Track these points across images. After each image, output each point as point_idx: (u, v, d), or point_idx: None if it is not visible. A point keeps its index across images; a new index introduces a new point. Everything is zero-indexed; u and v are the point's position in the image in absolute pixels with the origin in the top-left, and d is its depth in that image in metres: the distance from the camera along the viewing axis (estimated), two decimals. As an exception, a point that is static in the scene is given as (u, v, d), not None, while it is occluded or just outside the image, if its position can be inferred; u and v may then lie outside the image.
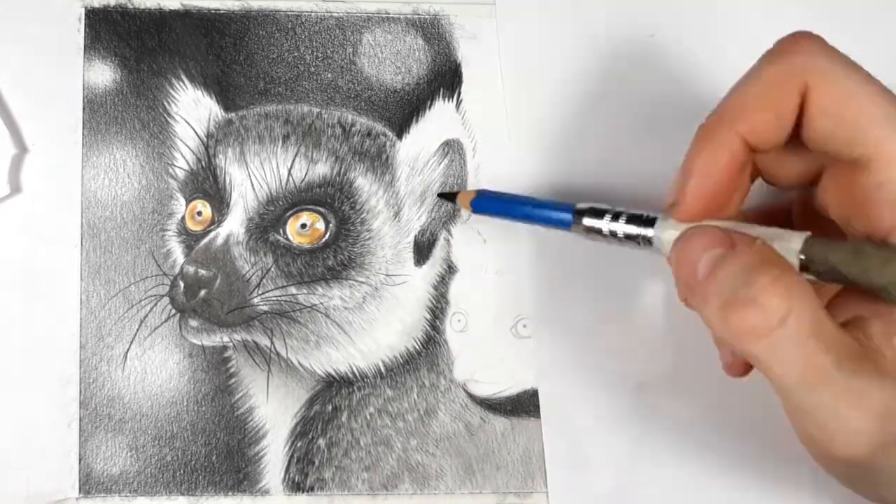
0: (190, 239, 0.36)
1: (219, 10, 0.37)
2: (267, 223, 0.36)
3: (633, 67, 0.38)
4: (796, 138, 0.25)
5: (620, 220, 0.28)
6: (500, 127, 0.37)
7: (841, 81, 0.23)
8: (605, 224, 0.29)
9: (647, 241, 0.27)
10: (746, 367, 0.28)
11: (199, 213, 0.36)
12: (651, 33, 0.38)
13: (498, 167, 0.37)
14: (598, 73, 0.38)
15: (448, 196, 0.35)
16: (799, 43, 0.24)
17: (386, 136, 0.37)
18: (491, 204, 0.34)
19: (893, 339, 0.23)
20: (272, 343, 0.36)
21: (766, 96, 0.24)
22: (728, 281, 0.23)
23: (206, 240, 0.36)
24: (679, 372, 0.35)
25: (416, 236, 0.37)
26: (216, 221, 0.36)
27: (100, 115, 0.36)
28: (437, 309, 0.36)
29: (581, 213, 0.29)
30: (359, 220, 0.36)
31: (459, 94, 0.37)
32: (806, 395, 0.23)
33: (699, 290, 0.24)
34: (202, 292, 0.35)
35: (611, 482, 0.35)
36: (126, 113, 0.37)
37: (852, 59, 0.24)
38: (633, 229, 0.27)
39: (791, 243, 0.23)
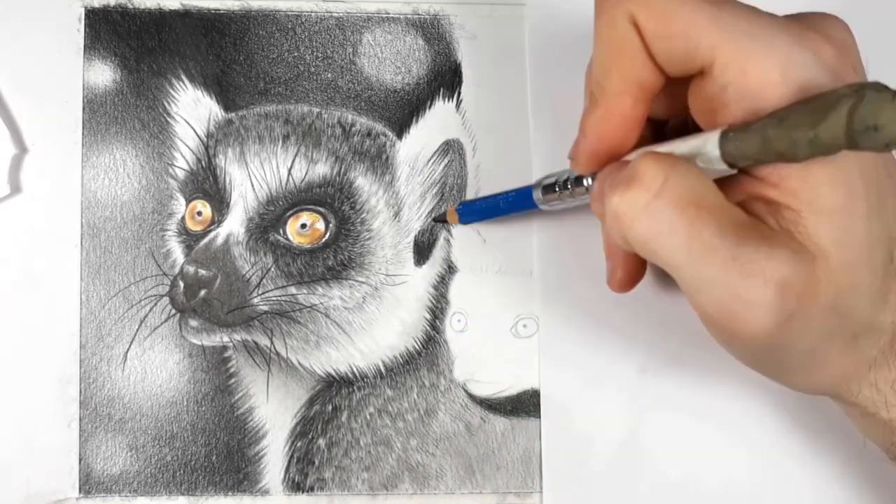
0: (190, 239, 0.36)
1: (219, 10, 0.37)
2: (267, 223, 0.36)
3: None
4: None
5: (568, 185, 0.31)
6: (500, 127, 0.37)
7: (662, 3, 0.23)
8: (558, 193, 0.31)
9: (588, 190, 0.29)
10: (629, 277, 0.30)
11: (199, 213, 0.36)
12: None
13: (498, 167, 0.37)
14: None
15: (440, 219, 0.36)
16: None
17: (386, 136, 0.37)
18: (472, 211, 0.35)
19: (783, 214, 0.23)
20: (272, 343, 0.36)
21: (611, 47, 0.24)
22: (616, 176, 0.24)
23: (206, 240, 0.36)
24: (680, 354, 0.35)
25: (416, 236, 0.37)
26: (216, 221, 0.36)
27: (100, 115, 0.36)
28: (437, 309, 0.36)
29: (540, 188, 0.32)
30: (359, 220, 0.36)
31: (459, 94, 0.37)
32: (696, 270, 0.23)
33: (598, 203, 0.25)
34: (202, 292, 0.35)
35: (605, 484, 0.35)
36: (126, 113, 0.37)
37: None
38: (580, 188, 0.30)
39: (708, 142, 0.23)
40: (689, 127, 0.27)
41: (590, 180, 0.29)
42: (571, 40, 0.38)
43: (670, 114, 0.28)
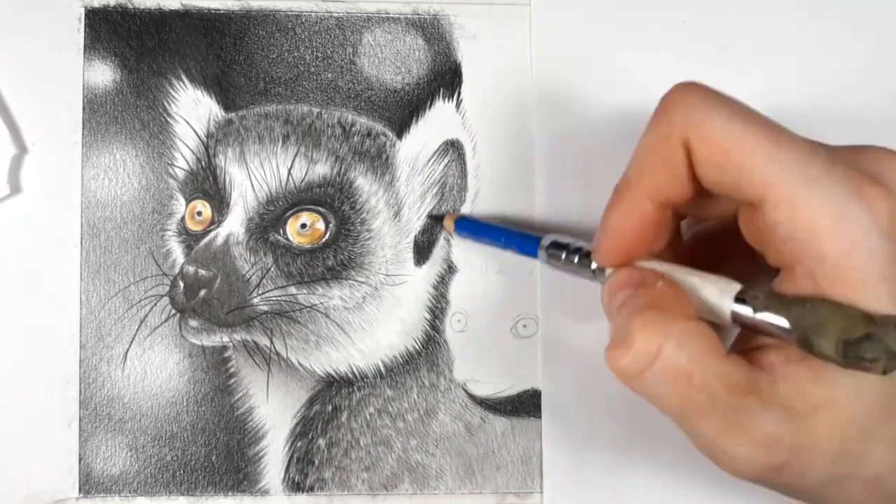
0: (190, 239, 0.36)
1: (219, 10, 0.37)
2: (267, 223, 0.36)
3: (665, 53, 0.38)
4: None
5: (574, 257, 0.30)
6: (501, 127, 0.37)
7: (719, 131, 0.23)
8: (563, 259, 0.30)
9: (595, 274, 0.29)
10: None
11: (199, 213, 0.36)
12: (683, 19, 0.38)
13: (498, 167, 0.37)
14: (630, 60, 0.37)
15: (437, 217, 0.36)
16: (675, 100, 0.24)
17: (386, 136, 0.37)
18: (469, 227, 0.35)
19: (795, 366, 0.23)
20: (272, 343, 0.36)
21: (655, 158, 0.25)
22: (618, 321, 0.24)
23: (205, 240, 0.36)
24: None
25: (416, 236, 0.37)
26: (216, 221, 0.36)
27: (100, 115, 0.36)
28: (437, 309, 0.36)
29: (546, 247, 0.31)
30: (359, 220, 0.36)
31: (459, 94, 0.37)
32: (687, 426, 0.24)
33: (605, 307, 0.26)
34: (202, 292, 0.35)
35: (605, 484, 0.35)
36: (126, 113, 0.37)
37: (735, 101, 0.24)
38: (584, 263, 0.29)
39: (723, 300, 0.24)
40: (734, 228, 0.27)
41: (600, 270, 0.29)
42: (576, 40, 0.38)
43: (717, 220, 0.28)
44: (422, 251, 0.36)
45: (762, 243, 0.24)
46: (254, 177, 0.36)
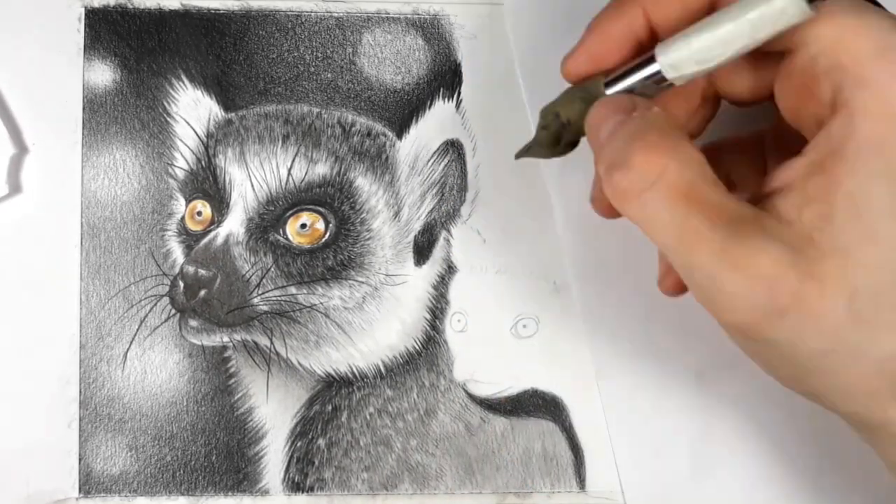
0: (190, 239, 0.36)
1: (219, 10, 0.37)
2: (267, 223, 0.36)
3: None
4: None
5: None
6: (501, 127, 0.37)
7: None
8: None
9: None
10: (676, 285, 0.29)
11: (199, 213, 0.36)
12: None
13: (498, 167, 0.37)
14: None
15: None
16: None
17: (386, 135, 0.37)
18: None
19: (804, 211, 0.22)
20: (272, 343, 0.36)
21: None
22: (615, 144, 0.23)
23: (205, 240, 0.36)
24: (738, 357, 0.35)
25: (416, 236, 0.37)
26: (216, 221, 0.36)
27: (100, 115, 0.36)
28: (437, 309, 0.36)
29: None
30: (359, 220, 0.36)
31: (459, 94, 0.37)
32: (685, 257, 0.22)
33: (597, 155, 0.25)
34: (202, 292, 0.35)
35: (684, 471, 0.35)
36: (126, 113, 0.37)
37: None
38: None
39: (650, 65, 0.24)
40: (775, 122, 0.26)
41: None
42: (556, 35, 0.38)
43: (751, 97, 0.27)
44: (422, 251, 0.36)
45: (800, 98, 0.23)
46: (254, 177, 0.36)
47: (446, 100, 0.37)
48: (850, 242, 0.21)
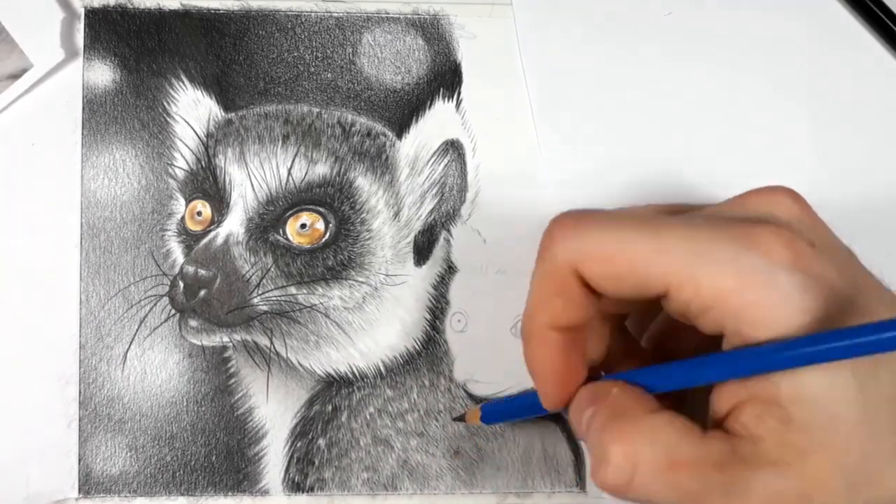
0: (190, 239, 0.36)
1: (219, 10, 0.37)
2: (267, 223, 0.36)
3: (651, 47, 0.38)
4: None
5: None
6: (500, 127, 0.37)
7: (598, 246, 0.24)
8: None
9: None
10: None
11: (199, 213, 0.36)
12: (668, 11, 0.38)
13: (498, 167, 0.37)
14: (615, 54, 0.38)
15: (459, 419, 0.35)
16: (552, 234, 0.25)
17: (386, 135, 0.37)
18: (495, 412, 0.33)
19: (765, 421, 0.23)
20: (272, 343, 0.36)
21: (548, 292, 0.25)
22: (592, 442, 0.24)
23: (205, 240, 0.36)
24: None
25: (416, 236, 0.37)
26: (216, 221, 0.36)
27: (100, 115, 0.36)
28: (437, 309, 0.36)
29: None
30: (359, 220, 0.36)
31: (459, 94, 0.37)
32: None
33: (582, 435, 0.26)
34: (202, 292, 0.35)
35: None
36: (126, 113, 0.37)
37: (605, 211, 0.25)
38: None
39: None
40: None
41: None
42: (563, 35, 0.38)
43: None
44: (422, 251, 0.36)
45: (689, 321, 0.24)
46: (254, 177, 0.36)
47: (446, 100, 0.37)
48: (819, 435, 0.22)
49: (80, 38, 0.37)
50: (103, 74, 0.37)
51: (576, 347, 0.26)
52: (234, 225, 0.36)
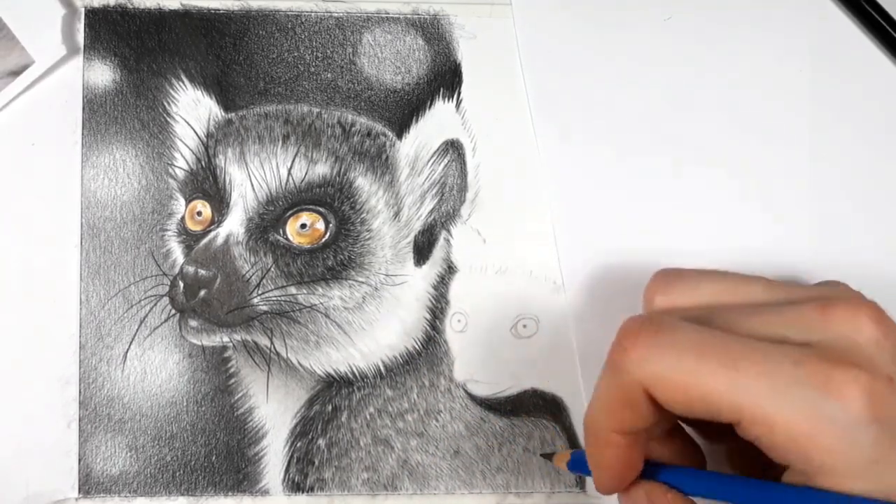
0: (190, 239, 0.36)
1: (219, 10, 0.37)
2: (267, 223, 0.36)
3: (650, 50, 0.38)
4: None
5: None
6: (501, 127, 0.37)
7: (674, 373, 0.23)
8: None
9: None
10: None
11: (199, 213, 0.36)
12: (667, 16, 0.38)
13: (498, 167, 0.37)
14: (614, 57, 0.38)
15: (546, 456, 0.35)
16: (624, 347, 0.25)
17: (386, 135, 0.37)
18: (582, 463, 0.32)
19: None
20: (272, 343, 0.36)
21: (616, 403, 0.25)
22: None
23: (205, 240, 0.36)
24: None
25: (416, 236, 0.37)
26: (216, 221, 0.36)
27: (100, 115, 0.36)
28: (437, 309, 0.36)
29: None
30: (359, 220, 0.36)
31: (459, 94, 0.37)
32: None
33: None
34: (202, 292, 0.35)
35: None
36: (126, 113, 0.37)
37: (684, 330, 0.24)
38: None
39: None
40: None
41: None
42: (563, 36, 0.38)
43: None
44: (422, 251, 0.36)
45: (755, 453, 0.24)
46: (254, 177, 0.36)
47: (446, 100, 0.37)
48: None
49: (80, 36, 0.37)
50: (103, 74, 0.37)
51: (638, 446, 0.26)
52: (234, 225, 0.36)
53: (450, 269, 0.37)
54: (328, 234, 0.36)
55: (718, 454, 0.29)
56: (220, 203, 0.36)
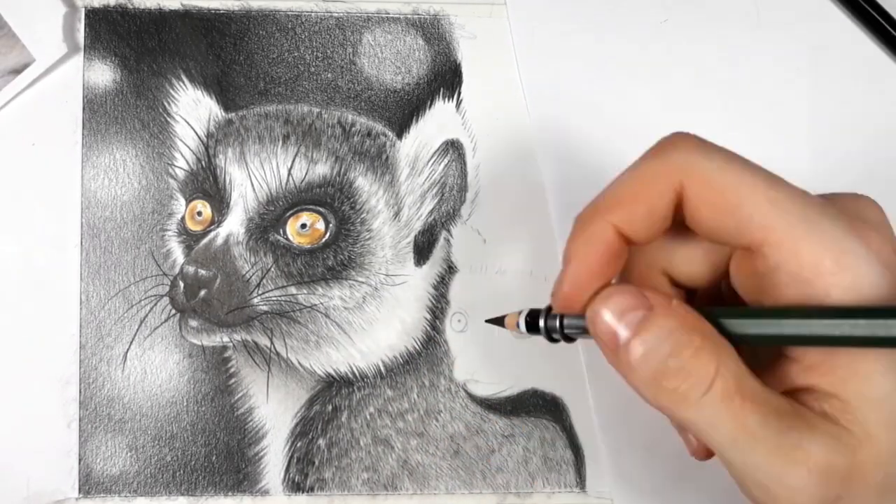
0: (190, 239, 0.36)
1: (219, 10, 0.37)
2: (267, 223, 0.36)
3: (645, 53, 0.38)
4: (694, 235, 0.25)
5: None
6: (501, 127, 0.37)
7: (717, 174, 0.23)
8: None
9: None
10: (710, 451, 0.28)
11: (199, 213, 0.36)
12: (664, 18, 0.38)
13: (498, 167, 0.37)
14: (612, 60, 0.38)
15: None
16: (674, 142, 0.24)
17: (386, 135, 0.37)
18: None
19: (830, 405, 0.23)
20: (272, 343, 0.36)
21: (639, 191, 0.24)
22: (654, 348, 0.23)
23: (206, 240, 0.36)
24: None
25: (416, 236, 0.37)
26: (216, 221, 0.36)
27: (100, 115, 0.36)
28: (437, 309, 0.36)
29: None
30: (359, 220, 0.36)
31: (459, 94, 0.37)
32: (741, 456, 0.23)
33: (623, 358, 0.24)
34: (202, 292, 0.35)
35: (672, 471, 0.35)
36: (126, 113, 0.37)
37: (729, 150, 0.24)
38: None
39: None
40: (721, 292, 0.27)
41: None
42: (557, 35, 0.38)
43: (707, 279, 0.27)
44: (422, 251, 0.36)
45: (760, 289, 0.24)
46: (254, 177, 0.36)
47: (446, 100, 0.37)
48: (876, 430, 0.23)
49: (81, 36, 0.37)
50: (103, 74, 0.37)
51: (620, 260, 0.25)
52: (234, 225, 0.36)
53: (450, 269, 0.37)
54: (328, 234, 0.36)
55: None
56: (220, 203, 0.36)
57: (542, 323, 0.26)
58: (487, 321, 0.31)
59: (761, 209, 0.23)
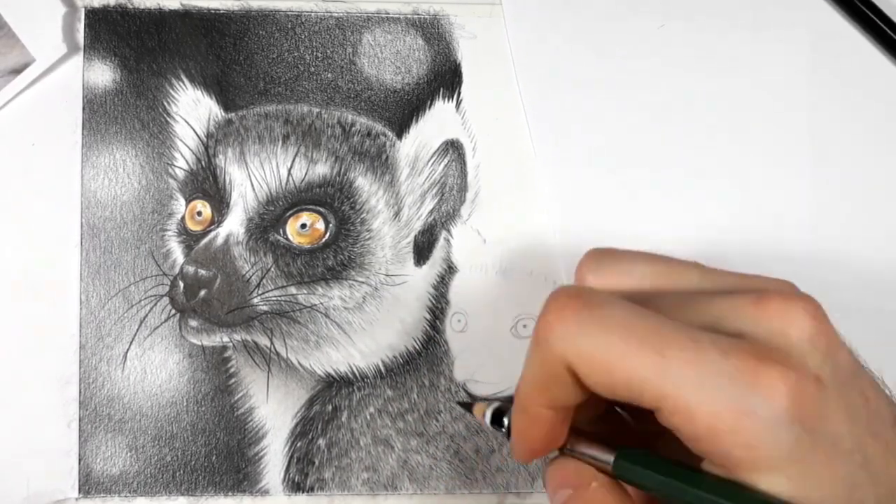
0: (190, 239, 0.36)
1: (219, 10, 0.37)
2: (267, 223, 0.36)
3: (644, 58, 0.38)
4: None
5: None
6: (500, 127, 0.37)
7: (599, 353, 0.23)
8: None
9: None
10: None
11: (199, 213, 0.36)
12: (660, 24, 0.38)
13: (498, 167, 0.37)
14: (609, 67, 0.38)
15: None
16: (550, 322, 0.24)
17: (386, 135, 0.37)
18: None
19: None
20: (272, 343, 0.36)
21: (543, 378, 0.25)
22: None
23: (205, 240, 0.36)
24: None
25: (416, 236, 0.37)
26: (216, 221, 0.36)
27: (100, 115, 0.36)
28: (437, 309, 0.36)
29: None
30: (359, 220, 0.36)
31: (459, 94, 0.37)
32: None
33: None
34: (202, 292, 0.35)
35: None
36: (126, 113, 0.37)
37: (612, 307, 0.23)
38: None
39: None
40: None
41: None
42: (554, 36, 0.38)
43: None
44: (422, 251, 0.36)
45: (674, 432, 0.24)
46: (254, 177, 0.36)
47: (446, 100, 0.37)
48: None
49: (80, 36, 0.37)
50: (103, 74, 0.37)
51: (566, 420, 0.26)
52: (234, 225, 0.36)
53: (450, 269, 0.37)
54: (328, 234, 0.36)
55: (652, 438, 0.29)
56: (220, 203, 0.36)
57: (506, 423, 0.28)
58: (458, 403, 0.34)
59: (651, 382, 0.22)
